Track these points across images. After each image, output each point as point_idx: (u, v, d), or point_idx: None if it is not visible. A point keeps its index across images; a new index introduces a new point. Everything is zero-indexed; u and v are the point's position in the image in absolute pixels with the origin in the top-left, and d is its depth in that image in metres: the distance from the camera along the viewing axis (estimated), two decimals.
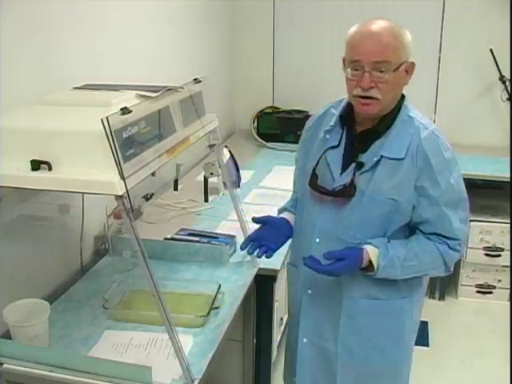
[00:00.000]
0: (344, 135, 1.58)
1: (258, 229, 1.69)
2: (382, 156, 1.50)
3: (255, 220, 1.69)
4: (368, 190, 1.51)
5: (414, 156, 1.49)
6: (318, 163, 1.59)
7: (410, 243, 1.55)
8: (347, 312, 1.61)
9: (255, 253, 1.65)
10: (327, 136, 1.61)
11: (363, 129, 1.56)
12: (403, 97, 1.58)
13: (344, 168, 1.56)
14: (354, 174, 1.51)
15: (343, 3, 3.55)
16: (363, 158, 1.52)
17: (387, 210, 1.51)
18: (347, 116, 1.59)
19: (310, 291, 1.65)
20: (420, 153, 1.49)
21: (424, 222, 1.54)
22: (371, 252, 1.52)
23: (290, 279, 1.81)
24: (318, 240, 1.60)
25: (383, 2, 3.61)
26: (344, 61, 1.51)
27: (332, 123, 1.61)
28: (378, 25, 1.46)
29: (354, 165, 1.53)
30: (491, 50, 3.44)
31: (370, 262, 1.51)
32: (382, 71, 1.44)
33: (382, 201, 1.50)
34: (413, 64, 1.50)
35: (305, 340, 1.68)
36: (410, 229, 1.59)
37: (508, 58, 3.43)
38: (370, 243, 1.53)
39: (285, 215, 1.76)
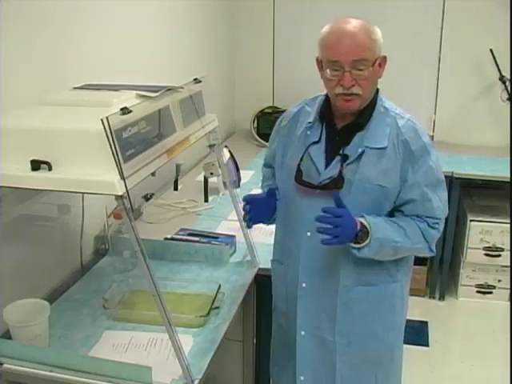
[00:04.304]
0: (324, 131, 1.63)
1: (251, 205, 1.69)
2: (366, 147, 1.56)
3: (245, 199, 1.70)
4: (356, 180, 1.56)
5: (395, 144, 1.56)
6: (301, 159, 1.62)
7: (394, 219, 1.59)
8: (343, 301, 1.64)
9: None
10: (308, 132, 1.65)
11: (344, 123, 1.61)
12: (377, 89, 1.64)
13: (328, 162, 1.60)
14: (341, 166, 1.56)
15: (343, 3, 3.55)
16: (347, 150, 1.58)
17: (376, 196, 1.57)
18: (326, 112, 1.64)
19: (304, 284, 1.66)
20: (400, 140, 1.56)
21: (406, 204, 1.59)
22: (360, 219, 1.54)
23: (275, 276, 1.82)
24: (309, 234, 1.62)
25: (383, 3, 3.62)
26: (319, 62, 1.57)
27: (311, 120, 1.65)
28: (351, 24, 1.51)
29: (338, 158, 1.58)
30: (491, 50, 3.44)
31: (362, 228, 1.53)
32: (360, 69, 1.49)
33: (370, 188, 1.56)
34: (385, 58, 1.56)
35: (303, 333, 1.70)
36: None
37: (508, 58, 3.43)
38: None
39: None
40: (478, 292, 3.43)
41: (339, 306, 1.64)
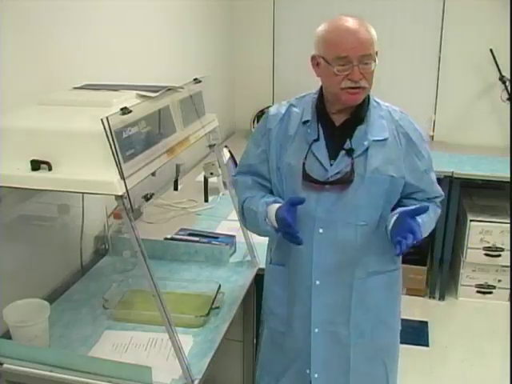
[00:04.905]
0: (320, 128, 1.64)
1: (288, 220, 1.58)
2: (372, 140, 1.60)
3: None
4: (367, 172, 1.59)
5: (395, 136, 1.63)
6: (306, 157, 1.62)
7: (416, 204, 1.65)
8: (358, 293, 1.67)
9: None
10: (308, 130, 1.66)
11: (343, 119, 1.63)
12: None
13: (331, 158, 1.62)
14: (352, 159, 1.59)
15: (343, 3, 3.55)
16: (352, 144, 1.61)
17: (386, 187, 1.61)
18: (322, 109, 1.66)
19: (318, 282, 1.67)
20: (401, 133, 1.63)
21: (419, 192, 1.68)
22: None
23: (273, 279, 1.80)
24: (321, 230, 1.63)
25: (383, 2, 3.61)
26: (316, 59, 1.58)
27: (309, 118, 1.66)
28: (351, 22, 1.54)
29: (343, 152, 1.60)
30: (491, 50, 3.44)
31: None
32: (366, 63, 1.53)
33: (383, 179, 1.61)
34: (376, 52, 1.59)
35: (316, 330, 1.70)
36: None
37: (508, 58, 3.43)
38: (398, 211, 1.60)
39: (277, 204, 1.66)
40: (478, 292, 3.42)
41: (354, 299, 1.67)
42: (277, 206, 1.61)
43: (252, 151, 1.75)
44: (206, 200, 2.66)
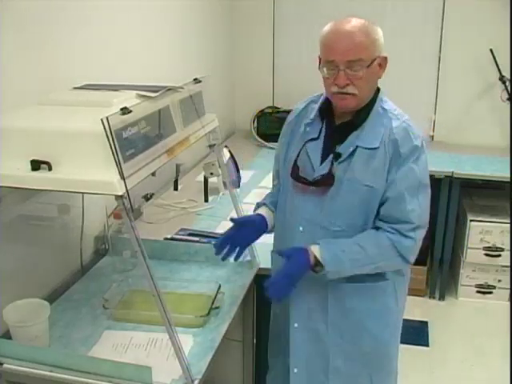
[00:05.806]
0: (323, 128, 1.65)
1: (231, 228, 1.76)
2: (357, 146, 1.57)
3: (234, 221, 1.76)
4: (345, 179, 1.57)
5: (386, 144, 1.56)
6: (298, 154, 1.64)
7: (357, 237, 1.59)
8: (334, 295, 1.66)
9: (231, 258, 1.77)
10: (307, 129, 1.67)
11: (342, 121, 1.63)
12: (379, 90, 1.65)
13: (323, 159, 1.62)
14: (332, 164, 1.58)
15: (343, 3, 3.55)
16: (340, 148, 1.60)
17: (364, 196, 1.57)
18: (326, 109, 1.66)
19: None
20: (391, 140, 1.55)
21: (383, 203, 1.57)
22: (314, 249, 1.57)
23: (274, 267, 1.83)
24: (301, 229, 1.65)
25: (383, 2, 3.62)
26: (320, 60, 1.59)
27: (312, 116, 1.67)
28: (351, 24, 1.52)
29: (332, 155, 1.60)
30: (491, 50, 3.44)
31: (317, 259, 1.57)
32: (355, 69, 1.50)
33: (359, 188, 1.56)
34: (385, 58, 1.57)
35: (296, 325, 1.71)
36: None
37: (508, 58, 3.43)
38: (314, 243, 1.59)
39: (261, 211, 1.79)
40: (477, 292, 3.43)
41: (330, 300, 1.66)
42: (258, 211, 1.78)
43: (279, 141, 1.82)
44: (206, 200, 2.66)
